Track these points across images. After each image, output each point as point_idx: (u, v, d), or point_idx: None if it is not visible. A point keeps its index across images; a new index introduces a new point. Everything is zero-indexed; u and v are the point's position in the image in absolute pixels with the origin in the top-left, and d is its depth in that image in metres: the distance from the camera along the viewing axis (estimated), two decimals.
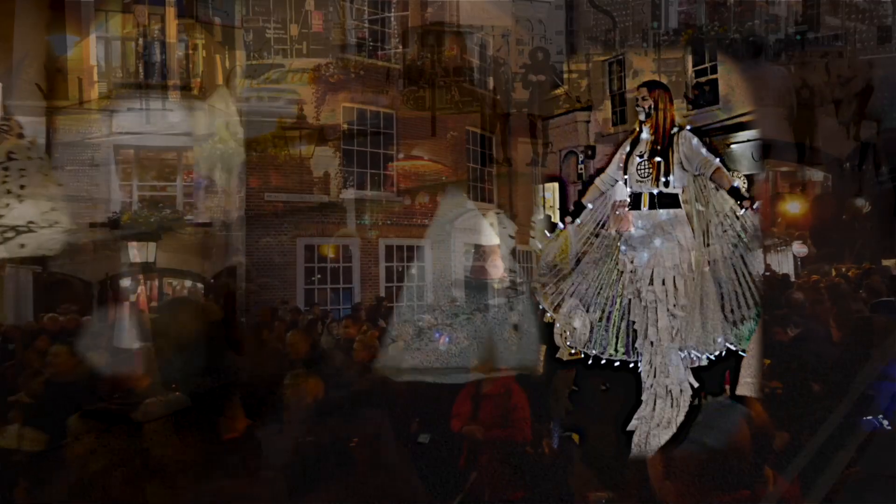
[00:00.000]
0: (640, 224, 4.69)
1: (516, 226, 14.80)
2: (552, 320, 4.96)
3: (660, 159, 4.61)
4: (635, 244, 4.69)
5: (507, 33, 15.43)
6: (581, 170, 15.09)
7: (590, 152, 14.95)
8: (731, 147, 13.34)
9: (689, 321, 4.53)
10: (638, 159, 4.70)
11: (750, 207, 4.48)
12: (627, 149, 4.81)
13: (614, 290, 4.80)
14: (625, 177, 4.75)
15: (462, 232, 13.72)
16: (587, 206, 4.95)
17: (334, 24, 13.37)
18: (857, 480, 3.26)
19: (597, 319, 4.75)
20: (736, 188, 4.55)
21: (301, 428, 4.29)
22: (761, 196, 13.38)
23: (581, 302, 4.80)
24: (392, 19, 13.98)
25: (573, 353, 4.99)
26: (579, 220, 4.94)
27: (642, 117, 4.75)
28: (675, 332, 4.55)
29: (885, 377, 4.46)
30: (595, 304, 4.79)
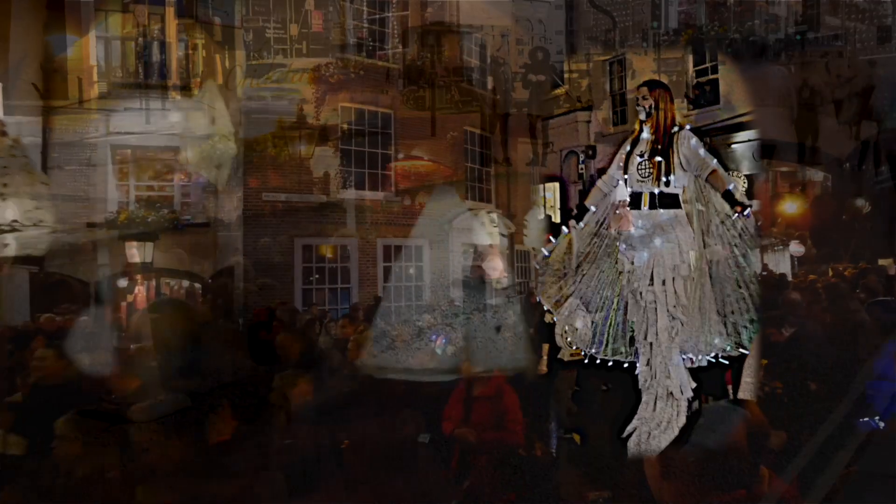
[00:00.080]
0: (639, 224, 4.66)
1: (514, 226, 14.79)
2: (553, 320, 4.94)
3: (660, 159, 4.59)
4: (635, 244, 4.66)
5: (506, 33, 15.41)
6: (582, 170, 15.07)
7: (590, 152, 14.93)
8: (732, 147, 13.33)
9: (689, 322, 4.50)
10: (638, 159, 4.68)
11: (741, 213, 4.46)
12: (628, 148, 4.79)
13: (614, 290, 4.77)
14: (625, 176, 4.73)
15: (459, 232, 13.71)
16: (590, 209, 4.93)
17: (334, 23, 13.35)
18: (855, 480, 3.24)
19: (598, 319, 4.73)
20: (730, 192, 4.52)
21: (289, 430, 4.24)
22: (761, 196, 13.39)
23: (582, 302, 4.78)
24: (391, 19, 13.96)
25: (574, 353, 4.98)
26: (582, 224, 4.91)
27: (643, 117, 4.73)
28: (674, 333, 4.52)
29: (883, 377, 4.44)
30: (595, 304, 4.77)
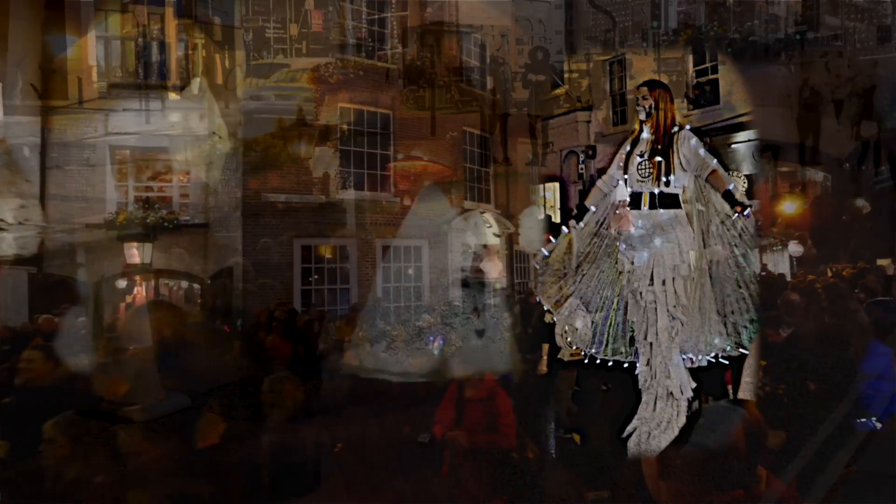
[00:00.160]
0: (639, 224, 4.65)
1: (513, 226, 14.74)
2: (553, 320, 4.92)
3: (660, 159, 4.58)
4: (635, 244, 4.65)
5: (505, 33, 15.39)
6: (582, 170, 15.06)
7: (590, 152, 14.91)
8: (733, 147, 13.32)
9: (688, 322, 4.49)
10: (638, 159, 4.67)
11: (741, 213, 4.47)
12: (628, 148, 4.78)
13: (614, 290, 4.77)
14: (625, 176, 4.72)
15: (457, 232, 13.67)
16: (590, 209, 4.93)
17: (334, 23, 13.33)
18: (855, 480, 3.23)
19: (598, 319, 4.72)
20: (730, 192, 4.52)
21: (280, 432, 4.19)
22: (761, 196, 13.37)
23: (582, 302, 4.77)
24: (391, 19, 13.94)
25: (574, 353, 4.99)
26: (583, 224, 4.91)
27: (643, 116, 4.73)
28: (674, 333, 4.51)
29: (872, 376, 4.42)
30: (595, 304, 4.76)
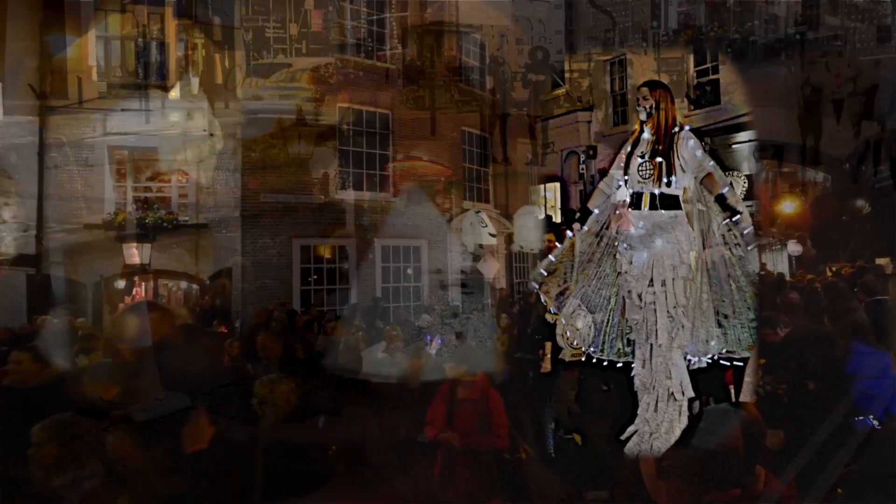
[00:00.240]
0: (639, 224, 4.63)
1: (511, 226, 14.72)
2: (555, 320, 4.91)
3: (661, 160, 4.57)
4: (634, 244, 4.64)
5: (505, 33, 15.38)
6: (582, 170, 15.05)
7: (591, 152, 14.92)
8: (733, 147, 13.32)
9: (688, 322, 4.49)
10: (639, 160, 4.66)
11: (730, 220, 4.50)
12: (629, 149, 4.77)
13: (614, 290, 4.76)
14: (626, 177, 4.71)
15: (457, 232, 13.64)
16: (594, 212, 4.92)
17: (334, 23, 13.31)
18: (854, 479, 3.22)
19: (599, 319, 4.72)
20: (723, 195, 4.53)
21: (273, 434, 4.14)
22: (761, 196, 13.37)
23: (583, 302, 4.76)
24: (390, 20, 13.92)
25: (575, 353, 4.95)
26: (586, 227, 4.90)
27: (643, 117, 4.71)
28: (674, 333, 4.50)
29: (885, 376, 4.39)
30: (596, 304, 4.75)
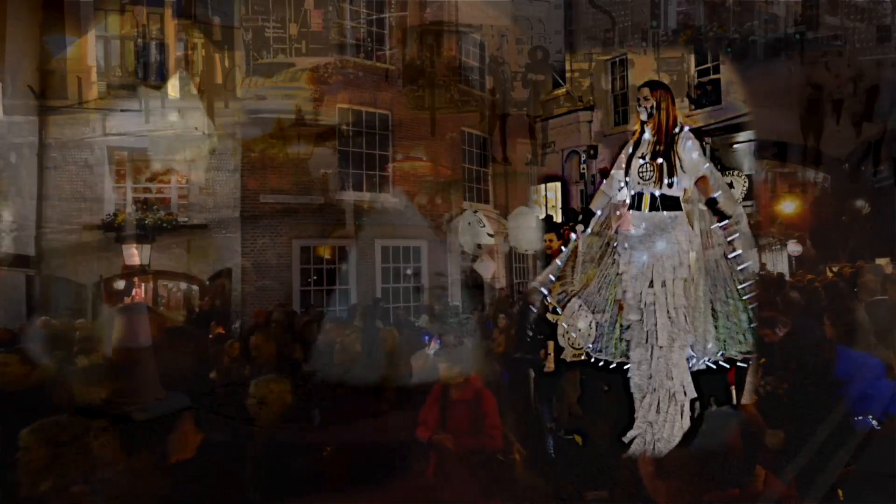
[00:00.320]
0: (639, 225, 4.63)
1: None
2: (556, 320, 4.91)
3: (662, 161, 4.56)
4: (634, 244, 4.63)
5: (504, 33, 15.36)
6: (583, 170, 15.04)
7: (592, 152, 14.91)
8: (734, 147, 13.31)
9: (688, 323, 4.49)
10: (640, 161, 4.64)
11: (720, 225, 4.51)
12: (630, 150, 4.76)
13: (615, 291, 4.75)
14: (627, 178, 4.70)
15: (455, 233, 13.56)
16: (596, 213, 4.91)
17: (333, 23, 13.31)
18: (854, 479, 3.21)
19: (600, 320, 4.70)
20: (714, 199, 4.53)
21: (267, 435, 4.09)
22: (761, 195, 13.36)
23: (585, 302, 4.75)
24: (390, 20, 13.92)
25: (576, 353, 4.95)
26: (589, 230, 4.89)
27: (644, 117, 4.70)
28: (674, 334, 4.49)
29: (878, 377, 4.39)
30: (597, 304, 4.74)
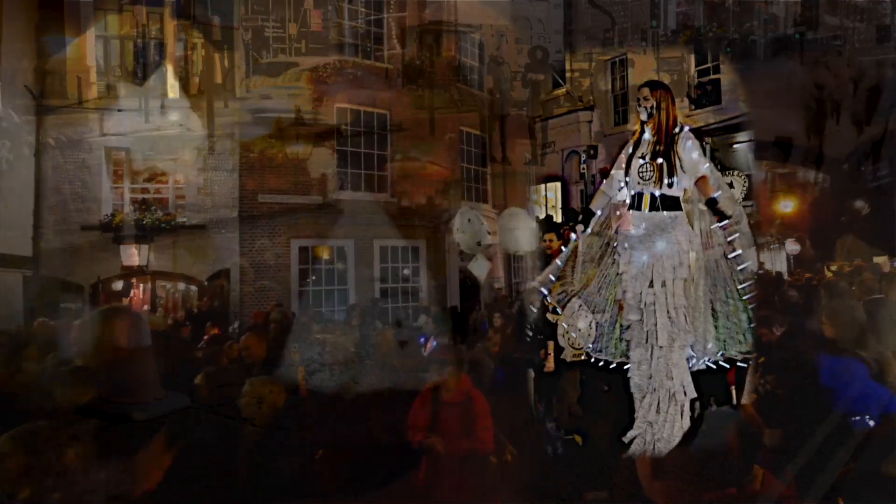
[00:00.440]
0: (639, 225, 4.62)
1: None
2: (556, 320, 4.91)
3: (662, 161, 4.55)
4: (634, 244, 4.63)
5: (503, 33, 15.34)
6: (583, 170, 15.02)
7: (592, 152, 14.88)
8: (735, 147, 13.30)
9: (688, 323, 4.49)
10: (641, 161, 4.64)
11: (720, 225, 4.51)
12: (630, 150, 4.75)
13: (615, 290, 4.74)
14: (627, 179, 4.69)
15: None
16: (596, 213, 4.91)
17: (333, 23, 13.30)
18: (854, 479, 3.20)
19: (601, 320, 4.70)
20: (714, 199, 4.53)
21: (263, 439, 4.03)
22: (761, 195, 13.35)
23: (585, 302, 4.74)
24: (389, 20, 13.91)
25: (576, 353, 4.95)
26: (590, 230, 4.88)
27: (644, 117, 4.69)
28: (675, 334, 4.48)
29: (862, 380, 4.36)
30: (597, 304, 4.74)
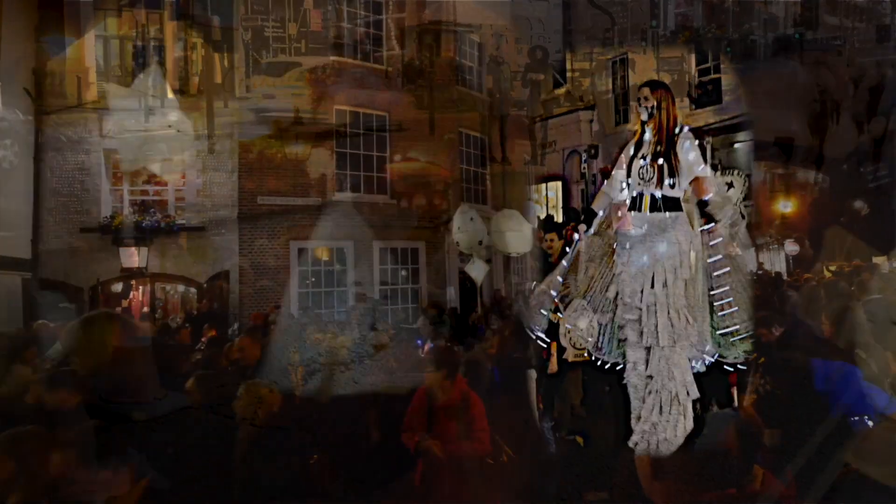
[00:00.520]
0: (639, 225, 4.61)
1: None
2: (558, 320, 4.92)
3: (662, 161, 4.55)
4: (633, 244, 4.62)
5: (502, 33, 15.33)
6: (584, 169, 15.03)
7: (593, 151, 14.89)
8: (735, 147, 13.30)
9: (688, 323, 4.49)
10: (641, 162, 4.63)
11: (705, 228, 4.50)
12: (631, 151, 4.75)
13: (616, 290, 4.72)
14: (628, 180, 4.69)
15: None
16: (598, 213, 4.90)
17: (332, 23, 13.31)
18: (853, 479, 3.19)
19: (603, 320, 4.69)
20: (704, 202, 4.52)
21: (259, 442, 4.00)
22: (761, 195, 13.35)
23: (587, 303, 4.73)
24: (388, 20, 13.91)
25: (578, 353, 4.98)
26: (592, 230, 4.88)
27: (645, 117, 4.69)
28: (676, 335, 4.47)
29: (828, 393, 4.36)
30: (599, 304, 4.73)
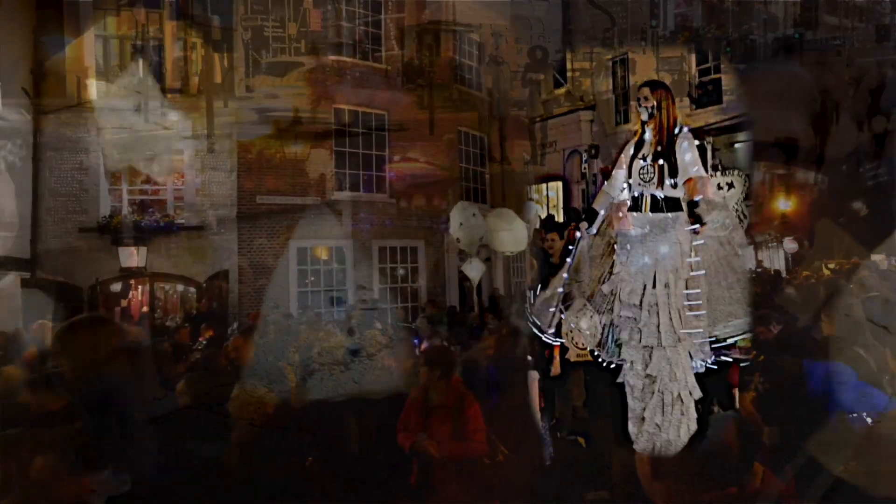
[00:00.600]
0: (641, 226, 4.60)
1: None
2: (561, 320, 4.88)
3: (663, 162, 4.54)
4: (632, 244, 4.61)
5: (501, 33, 15.34)
6: (585, 169, 15.04)
7: (593, 151, 14.90)
8: (736, 146, 13.30)
9: (687, 324, 4.46)
10: (641, 162, 4.63)
11: (691, 228, 4.47)
12: (631, 151, 4.74)
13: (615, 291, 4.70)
14: (629, 180, 4.68)
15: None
16: (600, 213, 4.88)
17: (332, 23, 13.31)
18: (854, 479, 3.19)
19: (605, 320, 4.67)
20: (695, 202, 4.50)
21: (255, 444, 3.98)
22: (761, 195, 13.35)
23: (589, 302, 4.72)
24: (388, 20, 13.92)
25: (580, 353, 5.05)
26: (594, 230, 4.87)
27: (645, 117, 4.68)
28: (678, 335, 4.46)
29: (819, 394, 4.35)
30: (600, 304, 4.71)
